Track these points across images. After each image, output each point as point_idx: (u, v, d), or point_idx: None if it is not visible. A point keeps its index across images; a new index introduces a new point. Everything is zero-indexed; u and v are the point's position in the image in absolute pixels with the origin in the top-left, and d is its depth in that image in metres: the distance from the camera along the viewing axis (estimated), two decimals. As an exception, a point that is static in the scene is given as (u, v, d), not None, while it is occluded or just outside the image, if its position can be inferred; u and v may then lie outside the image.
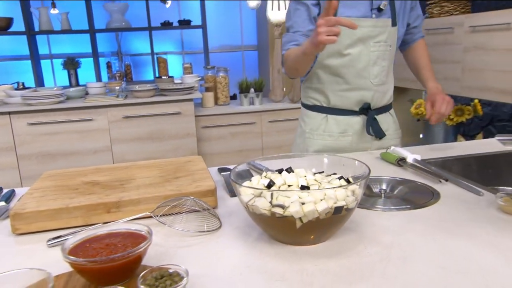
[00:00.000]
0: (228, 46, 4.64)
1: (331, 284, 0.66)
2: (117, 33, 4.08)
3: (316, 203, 0.73)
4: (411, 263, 0.71)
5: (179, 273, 0.64)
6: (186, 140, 3.00)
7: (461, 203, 0.95)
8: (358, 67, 1.41)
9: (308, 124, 1.55)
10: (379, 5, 1.37)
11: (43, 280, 0.59)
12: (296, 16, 1.42)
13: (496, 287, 0.63)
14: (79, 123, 2.81)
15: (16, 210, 0.89)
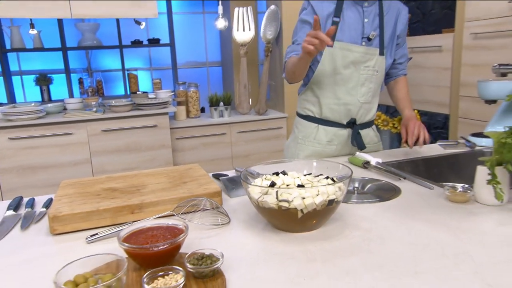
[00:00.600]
0: (193, 62, 4.76)
1: (331, 259, 0.82)
2: (87, 51, 4.09)
3: (313, 198, 0.89)
4: (387, 241, 0.88)
5: (214, 254, 0.78)
6: (162, 151, 3.08)
7: (417, 196, 1.15)
8: (348, 86, 1.59)
9: (301, 131, 1.72)
10: (368, 34, 1.55)
11: (112, 262, 0.72)
12: (301, 32, 1.60)
13: (450, 254, 0.81)
14: (59, 137, 2.83)
15: (55, 214, 0.99)
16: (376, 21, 1.59)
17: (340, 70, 1.58)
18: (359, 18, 1.57)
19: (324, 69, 1.58)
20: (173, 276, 0.71)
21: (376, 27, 1.59)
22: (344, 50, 1.56)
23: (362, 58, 1.57)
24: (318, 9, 1.56)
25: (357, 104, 1.63)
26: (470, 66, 2.85)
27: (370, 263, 0.79)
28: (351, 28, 1.56)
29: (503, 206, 1.04)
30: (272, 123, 3.43)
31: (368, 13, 1.57)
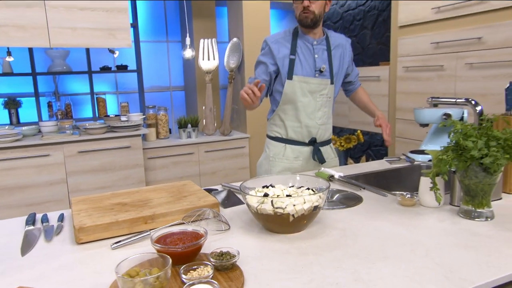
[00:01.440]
0: (157, 87, 4.83)
1: (319, 252, 0.99)
2: (55, 76, 4.06)
3: (302, 204, 1.06)
4: (359, 237, 1.07)
5: (231, 252, 0.92)
6: (135, 170, 3.14)
7: (376, 202, 1.36)
8: (307, 111, 1.81)
9: (272, 151, 1.91)
10: (320, 67, 1.78)
11: (152, 259, 0.84)
12: (258, 68, 1.83)
13: (407, 243, 1.01)
14: (36, 159, 2.81)
15: (80, 225, 1.08)
16: (324, 55, 1.83)
17: (300, 98, 1.79)
18: (310, 54, 1.79)
19: (287, 99, 1.81)
20: (203, 269, 0.85)
21: (325, 60, 1.82)
22: (302, 83, 1.78)
23: (317, 88, 1.80)
24: (275, 51, 1.77)
25: (316, 126, 1.85)
26: (404, 93, 3.20)
27: (350, 253, 0.97)
28: (305, 63, 1.79)
29: (440, 207, 1.28)
30: (235, 142, 3.59)
31: (317, 50, 1.81)
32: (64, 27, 2.81)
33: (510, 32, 2.38)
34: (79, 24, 2.85)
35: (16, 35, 2.67)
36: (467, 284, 0.81)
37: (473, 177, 1.12)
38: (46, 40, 2.77)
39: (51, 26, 2.77)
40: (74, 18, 2.83)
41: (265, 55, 1.80)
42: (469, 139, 1.08)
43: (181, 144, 3.40)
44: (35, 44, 2.75)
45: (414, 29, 3.06)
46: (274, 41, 1.79)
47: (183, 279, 0.82)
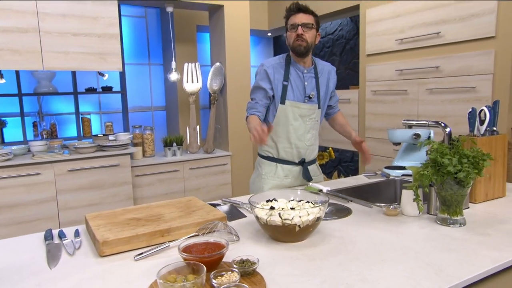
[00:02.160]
0: (139, 107, 4.83)
1: (325, 257, 1.08)
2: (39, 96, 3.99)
3: (307, 216, 1.15)
4: (356, 244, 1.17)
5: (250, 259, 0.99)
6: (123, 187, 3.12)
7: (363, 213, 1.47)
8: (298, 133, 1.89)
9: (263, 169, 1.97)
10: (309, 94, 1.88)
11: (182, 267, 0.90)
12: (258, 93, 1.88)
13: (398, 248, 1.12)
14: (26, 177, 2.75)
15: (104, 239, 1.12)
16: (313, 82, 1.92)
17: (292, 122, 1.88)
18: (301, 82, 1.89)
19: (279, 121, 1.88)
20: (230, 274, 0.91)
21: (313, 87, 1.92)
22: (294, 107, 1.87)
23: (307, 112, 1.90)
24: (271, 76, 1.85)
25: (305, 147, 1.94)
26: (372, 114, 3.40)
27: (351, 257, 1.07)
28: (296, 90, 1.88)
29: (419, 216, 1.40)
30: (218, 160, 3.65)
31: (307, 78, 1.90)
32: (57, 52, 2.81)
33: (463, 62, 2.62)
34: (72, 49, 2.86)
35: (10, 59, 2.64)
36: (455, 280, 0.92)
37: (449, 189, 1.25)
38: (40, 64, 2.75)
39: (44, 50, 2.76)
40: (67, 43, 2.84)
41: (264, 80, 1.86)
42: (445, 157, 1.22)
43: (167, 162, 3.42)
44: (29, 67, 2.73)
45: (380, 58, 3.28)
46: (270, 66, 1.86)
47: (214, 283, 0.88)
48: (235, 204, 1.59)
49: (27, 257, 1.13)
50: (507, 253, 1.06)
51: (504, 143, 1.55)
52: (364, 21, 3.40)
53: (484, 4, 2.47)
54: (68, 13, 2.82)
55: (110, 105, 4.60)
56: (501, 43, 2.43)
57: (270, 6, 4.93)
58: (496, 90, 2.46)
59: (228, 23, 3.62)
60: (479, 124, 1.53)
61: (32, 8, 2.70)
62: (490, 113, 1.51)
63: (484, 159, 1.24)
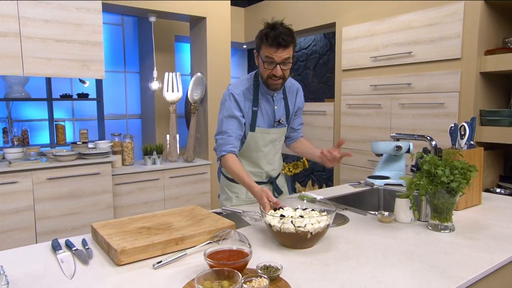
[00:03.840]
0: (114, 115, 4.72)
1: (338, 262, 1.13)
2: (8, 102, 3.80)
3: (318, 223, 1.20)
4: (363, 249, 1.23)
5: (273, 265, 1.02)
6: (103, 196, 3.03)
7: (360, 220, 1.54)
8: (268, 158, 1.80)
9: (234, 192, 1.82)
10: (279, 119, 1.75)
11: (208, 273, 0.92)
12: (229, 124, 1.64)
13: (401, 252, 1.19)
14: (1, 186, 2.61)
15: (122, 248, 1.11)
16: (282, 105, 1.77)
17: (261, 148, 1.76)
18: (270, 106, 1.72)
19: (249, 148, 1.75)
20: (259, 280, 0.94)
21: (283, 110, 1.77)
22: (264, 134, 1.73)
23: (276, 136, 1.78)
24: (241, 104, 1.65)
25: (274, 168, 1.85)
26: (347, 126, 3.54)
27: (362, 262, 1.13)
28: (266, 115, 1.72)
29: (411, 223, 1.50)
30: (198, 169, 3.64)
31: (276, 101, 1.74)
32: (38, 57, 2.71)
33: (432, 80, 2.82)
34: (54, 55, 2.76)
35: (-11, 62, 2.52)
36: (459, 280, 1.01)
37: (441, 198, 1.35)
38: (20, 69, 2.64)
39: (25, 55, 2.65)
40: (50, 49, 2.74)
41: (236, 109, 1.65)
42: (439, 168, 1.32)
43: (147, 171, 3.36)
44: (8, 72, 2.61)
45: (355, 73, 3.44)
46: (240, 93, 1.66)
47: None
48: (237, 213, 1.61)
49: (40, 268, 1.10)
50: (496, 255, 1.17)
51: (481, 155, 1.70)
52: (340, 38, 3.55)
53: (451, 29, 2.68)
54: (51, 18, 2.73)
55: (84, 112, 4.46)
56: (466, 64, 2.63)
57: (246, 19, 5.01)
58: (462, 107, 2.66)
59: (210, 34, 3.65)
60: (459, 138, 1.66)
61: (13, 12, 2.59)
62: (469, 128, 1.64)
63: (471, 170, 1.35)
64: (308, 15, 4.01)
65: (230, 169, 1.59)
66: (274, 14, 4.50)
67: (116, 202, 3.18)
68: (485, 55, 2.61)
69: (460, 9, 2.63)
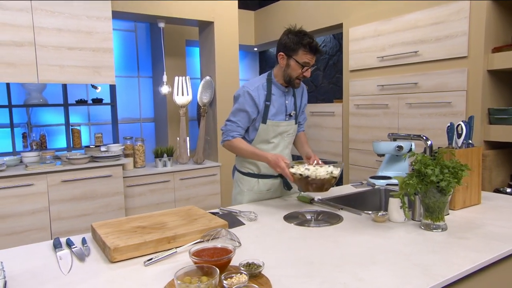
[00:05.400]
0: (128, 118, 4.84)
1: (322, 260, 1.15)
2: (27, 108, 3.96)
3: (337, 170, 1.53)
4: (350, 247, 1.25)
5: (256, 262, 1.06)
6: (115, 197, 3.13)
7: (354, 220, 1.56)
8: (278, 150, 1.90)
9: (245, 185, 1.95)
10: (289, 113, 1.90)
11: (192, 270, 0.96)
12: (240, 116, 1.84)
13: (388, 251, 1.21)
14: (19, 188, 2.74)
15: (115, 246, 1.16)
16: (292, 100, 1.92)
17: (272, 140, 1.89)
18: (282, 101, 1.88)
19: (260, 139, 1.88)
20: (239, 276, 0.98)
21: (293, 105, 1.92)
22: (274, 126, 1.87)
23: (285, 129, 1.91)
24: (256, 99, 1.81)
25: None
26: (355, 127, 3.53)
27: (347, 260, 1.15)
28: (278, 109, 1.87)
29: (405, 222, 1.50)
30: (208, 170, 3.70)
31: (287, 96, 1.90)
32: (52, 65, 2.83)
33: (439, 79, 2.78)
34: (66, 62, 2.88)
35: (5, 71, 2.65)
36: (440, 278, 1.01)
37: (432, 197, 1.35)
38: (35, 76, 2.77)
39: (40, 63, 2.78)
40: (63, 56, 2.86)
41: (248, 104, 1.81)
42: (428, 168, 1.32)
43: (158, 173, 3.45)
44: (24, 79, 2.74)
45: (363, 73, 3.43)
46: (254, 89, 1.82)
47: (225, 284, 0.94)
48: (233, 212, 1.65)
49: (39, 264, 1.16)
50: (484, 253, 1.16)
51: (479, 154, 1.68)
52: (347, 39, 3.55)
53: (457, 27, 2.64)
54: (63, 27, 2.85)
55: (99, 117, 4.60)
56: (472, 62, 2.59)
57: (256, 22, 5.06)
58: (469, 105, 2.62)
59: (218, 38, 3.71)
60: (456, 137, 1.65)
61: (28, 23, 2.72)
62: (466, 128, 1.63)
63: (463, 169, 1.35)
64: (316, 16, 4.02)
65: (241, 148, 1.83)
66: (283, 16, 4.53)
67: (128, 203, 3.27)
68: (492, 52, 2.57)
69: (466, 7, 2.59)
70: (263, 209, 1.74)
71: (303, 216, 1.60)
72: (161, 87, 3.75)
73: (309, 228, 1.46)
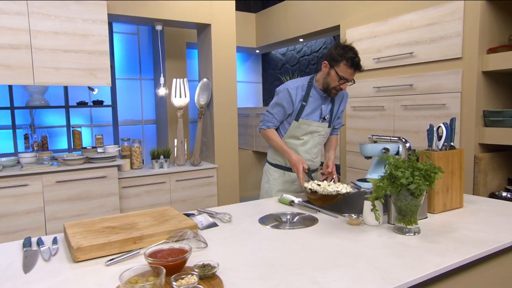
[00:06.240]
0: (130, 120, 4.90)
1: (284, 262, 1.14)
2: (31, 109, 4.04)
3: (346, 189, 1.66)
4: (315, 250, 1.23)
5: (211, 264, 1.05)
6: (110, 198, 3.17)
7: (329, 222, 1.54)
8: (306, 147, 2.04)
9: (272, 175, 2.12)
10: (324, 116, 2.03)
11: (147, 271, 0.96)
12: (277, 109, 2.02)
13: (352, 254, 1.19)
14: (14, 188, 2.79)
15: (78, 246, 1.18)
16: (329, 106, 2.06)
17: (302, 137, 2.04)
18: (319, 104, 2.02)
19: (290, 135, 2.04)
20: (190, 277, 0.97)
21: (329, 110, 2.06)
22: (305, 125, 2.02)
23: (317, 129, 2.05)
24: (293, 96, 1.98)
25: (311, 159, 2.08)
26: (352, 129, 3.49)
27: (308, 263, 1.13)
28: (313, 110, 2.01)
29: (380, 225, 1.47)
30: (205, 172, 3.71)
31: (325, 100, 2.04)
32: (48, 67, 2.88)
33: (434, 81, 2.74)
34: (62, 64, 2.93)
35: (2, 74, 2.71)
36: (397, 282, 0.99)
37: (403, 200, 1.33)
38: (31, 78, 2.82)
39: (36, 66, 2.84)
40: (58, 59, 2.91)
41: (286, 100, 1.98)
42: (399, 170, 1.30)
43: (154, 174, 3.47)
44: (20, 82, 2.79)
45: (359, 75, 3.38)
46: (294, 88, 1.99)
47: (174, 285, 0.94)
48: (209, 214, 1.65)
49: (4, 263, 1.18)
50: (449, 258, 1.13)
51: (461, 157, 1.64)
52: (344, 40, 3.52)
53: (451, 28, 2.60)
54: (59, 30, 2.91)
55: (101, 118, 4.67)
56: (467, 63, 2.54)
57: (258, 24, 5.07)
58: (464, 107, 2.57)
59: (215, 41, 3.73)
60: (437, 140, 1.62)
61: (25, 26, 2.78)
62: (446, 130, 1.60)
63: (436, 172, 1.32)
64: (315, 18, 4.01)
65: (272, 139, 2.02)
66: (283, 18, 4.52)
67: (123, 204, 3.31)
68: (487, 53, 2.51)
69: (460, 7, 2.55)
70: (242, 210, 1.74)
71: (279, 219, 1.59)
72: (158, 89, 3.78)
73: (281, 231, 1.44)
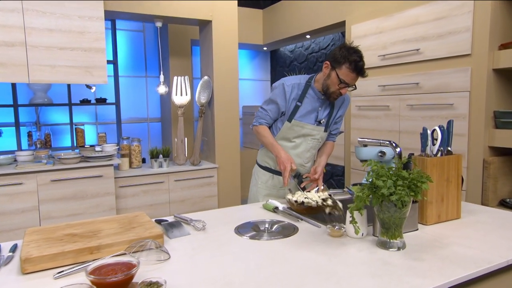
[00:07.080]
0: (135, 118, 4.87)
1: (243, 278, 1.04)
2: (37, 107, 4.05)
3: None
4: (285, 265, 1.12)
5: (159, 281, 0.96)
6: (106, 198, 3.12)
7: (309, 232, 1.42)
8: (298, 150, 1.92)
9: (260, 178, 2.02)
10: (320, 119, 1.90)
11: None
12: (271, 106, 1.91)
13: (323, 272, 1.07)
14: (9, 187, 2.77)
15: (26, 256, 1.10)
16: (327, 109, 1.92)
17: (293, 139, 1.92)
18: (315, 106, 1.89)
19: (282, 136, 1.92)
20: (131, 297, 0.88)
21: (326, 114, 1.92)
22: (298, 126, 1.89)
23: (311, 132, 1.92)
24: (288, 93, 1.87)
25: (303, 164, 1.96)
26: (357, 129, 3.34)
27: (272, 280, 1.02)
28: (308, 112, 1.88)
29: (363, 238, 1.35)
30: (204, 172, 3.63)
31: (323, 102, 1.90)
32: (43, 65, 2.85)
33: (441, 79, 2.56)
34: (58, 62, 2.90)
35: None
36: (362, 309, 0.87)
37: (386, 212, 1.20)
38: (26, 76, 2.80)
39: (31, 63, 2.81)
40: (54, 56, 2.88)
41: (280, 97, 1.87)
42: (381, 179, 1.17)
43: (152, 174, 3.41)
44: (15, 79, 2.77)
45: (364, 73, 3.23)
46: (290, 85, 1.87)
47: (111, 307, 0.85)
48: (183, 220, 1.56)
49: (-46, 271, 1.12)
50: (430, 280, 1.00)
51: (459, 163, 1.49)
52: (350, 36, 3.37)
53: (460, 22, 2.42)
54: (55, 28, 2.87)
55: (106, 116, 4.65)
56: (476, 60, 2.36)
57: (265, 21, 4.94)
58: (473, 107, 2.39)
59: (216, 38, 3.63)
60: (431, 144, 1.48)
61: (19, 23, 2.76)
62: (442, 133, 1.45)
63: (423, 181, 1.19)
64: (321, 15, 3.86)
65: (263, 136, 1.89)
66: (289, 15, 4.39)
67: (120, 204, 3.26)
68: (499, 49, 2.33)
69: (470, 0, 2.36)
70: (219, 217, 1.64)
71: (257, 227, 1.48)
72: (158, 87, 3.72)
73: (255, 242, 1.34)
